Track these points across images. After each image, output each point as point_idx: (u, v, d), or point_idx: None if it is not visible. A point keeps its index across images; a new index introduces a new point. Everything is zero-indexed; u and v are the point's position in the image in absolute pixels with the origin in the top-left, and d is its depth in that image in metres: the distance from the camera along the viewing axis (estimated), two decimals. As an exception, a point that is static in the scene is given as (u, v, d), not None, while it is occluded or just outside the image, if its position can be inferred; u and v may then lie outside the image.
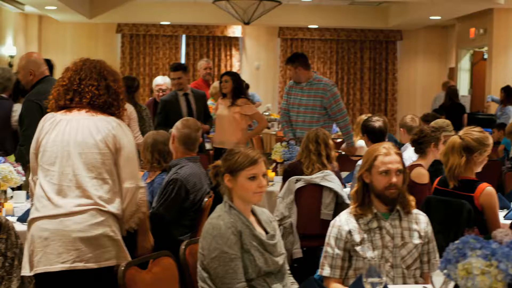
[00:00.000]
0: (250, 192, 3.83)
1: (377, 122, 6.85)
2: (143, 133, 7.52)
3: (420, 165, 6.06)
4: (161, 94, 9.94)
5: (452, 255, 2.64)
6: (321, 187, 6.38)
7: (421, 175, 5.88)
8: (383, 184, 3.94)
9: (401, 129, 7.41)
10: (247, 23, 14.67)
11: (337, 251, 3.94)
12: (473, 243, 2.63)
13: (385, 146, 4.03)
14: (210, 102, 10.38)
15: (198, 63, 11.27)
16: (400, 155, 4.03)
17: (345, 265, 3.95)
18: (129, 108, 7.68)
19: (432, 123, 7.12)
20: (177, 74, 9.04)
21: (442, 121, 7.23)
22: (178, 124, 5.76)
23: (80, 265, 3.85)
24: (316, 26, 19.48)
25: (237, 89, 8.86)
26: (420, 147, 6.08)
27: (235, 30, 19.60)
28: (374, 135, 6.79)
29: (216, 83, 10.63)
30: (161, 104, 9.06)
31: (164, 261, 3.93)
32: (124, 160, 4.03)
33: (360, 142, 8.81)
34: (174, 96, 9.05)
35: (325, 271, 3.96)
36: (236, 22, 16.34)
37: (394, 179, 3.94)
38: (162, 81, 10.31)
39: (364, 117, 8.96)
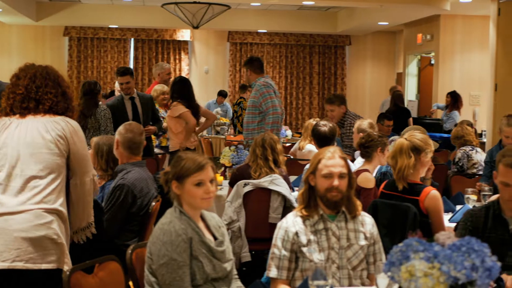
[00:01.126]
0: (197, 198, 3.81)
1: (324, 127, 6.92)
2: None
3: (366, 170, 6.11)
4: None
5: (396, 257, 2.66)
6: (269, 191, 6.40)
7: (367, 180, 5.96)
8: (325, 187, 3.98)
9: (360, 133, 7.45)
10: (196, 27, 14.64)
11: (284, 252, 3.95)
12: (416, 245, 2.65)
13: (331, 150, 4.06)
14: None
15: (158, 67, 11.12)
16: (345, 159, 4.05)
17: (292, 266, 3.97)
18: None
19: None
20: (126, 79, 8.99)
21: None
22: (120, 129, 5.68)
23: (19, 264, 3.84)
24: (265, 31, 19.53)
25: (173, 93, 8.84)
26: (367, 151, 6.14)
27: (184, 34, 19.55)
28: (322, 140, 6.86)
29: (157, 86, 10.53)
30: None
31: (110, 266, 3.90)
32: (76, 157, 4.11)
33: (309, 146, 8.86)
34: (119, 101, 9.01)
35: (272, 272, 3.97)
36: (185, 26, 16.31)
37: (335, 182, 3.97)
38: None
39: (312, 121, 9.05)
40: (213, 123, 8.98)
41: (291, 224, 4.01)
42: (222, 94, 17.17)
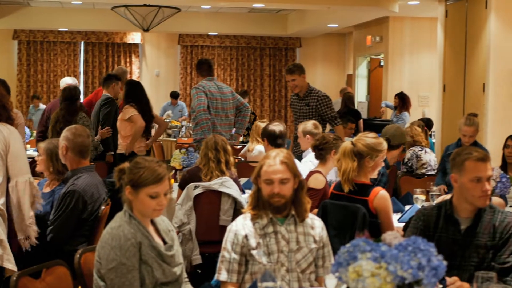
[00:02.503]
0: (149, 209, 3.79)
1: (277, 126, 7.03)
2: None
3: (318, 171, 6.15)
4: None
5: (343, 258, 2.68)
6: (220, 193, 6.40)
7: (318, 181, 6.01)
8: (267, 193, 3.98)
9: (307, 135, 7.49)
10: (146, 30, 14.60)
11: (233, 255, 3.95)
12: (363, 246, 2.67)
13: (273, 155, 4.05)
14: None
15: (122, 72, 11.09)
16: (287, 164, 4.02)
17: (242, 269, 3.97)
18: (18, 113, 7.80)
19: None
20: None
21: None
22: (67, 134, 5.57)
23: None
24: (216, 33, 19.53)
25: (125, 96, 8.80)
26: (321, 153, 6.18)
27: (135, 37, 19.47)
28: (275, 139, 6.94)
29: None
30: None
31: (57, 270, 3.87)
32: (13, 157, 4.37)
33: (258, 147, 8.90)
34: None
35: (222, 275, 3.96)
36: (135, 29, 16.24)
37: (276, 189, 3.96)
38: (72, 81, 10.17)
39: (260, 124, 9.10)
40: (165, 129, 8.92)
41: (241, 227, 4.01)
42: (173, 95, 17.13)
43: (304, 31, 18.73)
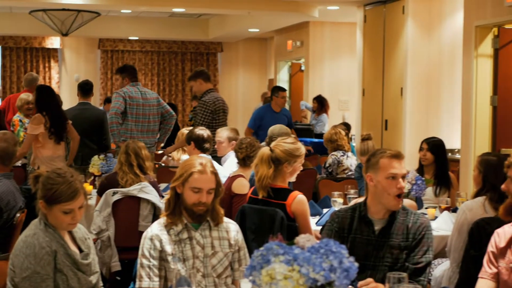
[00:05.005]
0: (63, 223, 3.76)
1: (205, 131, 7.18)
2: None
3: (241, 175, 6.17)
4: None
5: (257, 261, 2.69)
6: (139, 199, 6.37)
7: (242, 186, 6.07)
8: (192, 201, 3.97)
9: (233, 141, 7.56)
10: (65, 35, 14.42)
11: (152, 261, 3.93)
12: (277, 249, 2.69)
13: (202, 163, 4.03)
14: (17, 115, 10.00)
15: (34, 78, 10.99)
16: (215, 175, 4.05)
17: (162, 274, 3.96)
18: None
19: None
20: None
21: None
22: None
23: None
24: (136, 38, 19.41)
25: (35, 102, 8.57)
26: (251, 161, 6.16)
27: (54, 42, 19.19)
28: (202, 143, 7.08)
29: (22, 95, 10.24)
30: None
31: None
32: None
33: (184, 158, 8.87)
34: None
35: (144, 283, 3.93)
36: (54, 34, 16.03)
37: (203, 199, 3.97)
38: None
39: (184, 130, 9.11)
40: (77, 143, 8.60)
41: (156, 233, 3.99)
42: (108, 100, 16.90)
43: (225, 36, 18.77)
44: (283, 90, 11.19)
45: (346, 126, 11.17)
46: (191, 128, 9.11)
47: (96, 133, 9.58)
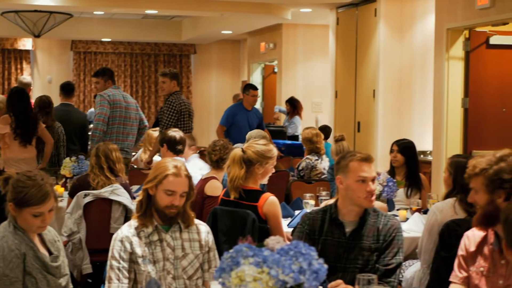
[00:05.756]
0: (33, 226, 3.74)
1: (177, 132, 7.16)
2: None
3: (214, 177, 6.17)
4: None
5: (226, 263, 2.69)
6: (110, 201, 6.35)
7: (215, 188, 6.07)
8: (165, 203, 3.96)
9: (193, 146, 7.64)
10: (37, 36, 14.35)
11: (122, 263, 3.92)
12: (246, 251, 2.69)
13: (177, 166, 4.02)
14: None
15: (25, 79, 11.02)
16: (189, 178, 4.05)
17: (132, 276, 3.94)
18: None
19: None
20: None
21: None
22: None
23: None
24: (109, 39, 19.34)
25: (6, 105, 8.55)
26: (224, 163, 6.16)
27: (26, 43, 19.07)
28: (175, 145, 7.06)
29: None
30: None
31: None
32: None
33: (156, 158, 8.88)
34: None
35: (113, 285, 3.91)
36: (26, 35, 15.92)
37: (176, 202, 3.96)
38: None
39: (152, 132, 9.13)
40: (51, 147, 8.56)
41: (126, 235, 3.98)
42: None
43: (198, 38, 18.75)
44: (255, 89, 11.20)
45: (326, 131, 11.18)
46: (157, 128, 9.14)
47: (79, 135, 9.71)
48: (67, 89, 10.01)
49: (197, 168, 7.22)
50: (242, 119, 10.81)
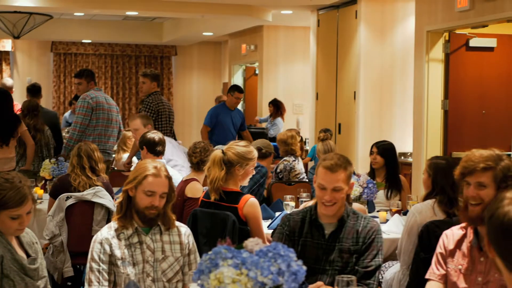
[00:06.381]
0: (10, 229, 3.71)
1: (156, 134, 7.13)
2: None
3: (195, 179, 6.16)
4: None
5: (205, 265, 2.68)
6: (93, 204, 6.31)
7: (195, 190, 6.07)
8: (145, 204, 3.96)
9: (145, 127, 7.72)
10: (17, 37, 14.25)
11: (102, 265, 3.91)
12: (225, 253, 2.68)
13: (156, 167, 4.03)
14: None
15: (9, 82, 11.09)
16: (169, 179, 4.05)
17: (112, 278, 3.94)
18: None
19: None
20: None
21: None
22: None
23: None
24: (90, 41, 19.28)
25: None
26: (204, 164, 6.16)
27: (6, 44, 18.97)
28: (154, 146, 7.03)
29: None
30: None
31: None
32: None
33: (125, 156, 8.89)
34: None
35: (93, 287, 3.91)
36: (6, 36, 15.84)
37: (156, 202, 3.96)
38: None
39: (126, 133, 9.14)
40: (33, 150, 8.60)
41: (106, 237, 3.97)
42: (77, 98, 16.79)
43: (179, 39, 18.73)
44: (240, 91, 11.30)
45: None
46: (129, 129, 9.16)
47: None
48: (33, 90, 10.11)
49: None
50: (225, 118, 10.92)
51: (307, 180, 8.59)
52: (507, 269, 2.53)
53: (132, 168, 9.35)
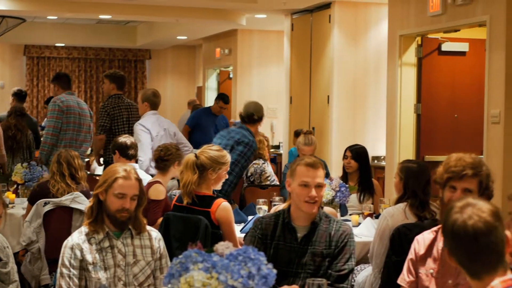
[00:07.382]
0: None
1: (128, 138, 7.15)
2: None
3: (158, 181, 6.16)
4: None
5: (176, 269, 2.68)
6: (71, 210, 6.24)
7: (158, 192, 6.07)
8: (116, 207, 3.95)
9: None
10: (-11, 41, 14.19)
11: (73, 271, 3.90)
12: (195, 257, 2.68)
13: (126, 169, 4.03)
14: None
15: None
16: (140, 181, 4.05)
17: (83, 284, 3.92)
18: None
19: None
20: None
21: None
22: None
23: None
24: (63, 44, 19.19)
25: None
26: (165, 164, 6.22)
27: (-22, 48, 18.88)
28: (126, 150, 7.02)
29: None
30: None
31: None
32: None
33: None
34: None
35: (63, 293, 3.89)
36: (-22, 39, 15.76)
37: (127, 205, 3.95)
38: None
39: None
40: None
41: (77, 242, 3.96)
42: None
43: (153, 43, 18.70)
44: (225, 102, 12.05)
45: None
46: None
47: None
48: (20, 95, 10.20)
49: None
50: (207, 122, 11.15)
51: (278, 184, 8.61)
52: (468, 274, 2.56)
53: (97, 171, 9.40)
